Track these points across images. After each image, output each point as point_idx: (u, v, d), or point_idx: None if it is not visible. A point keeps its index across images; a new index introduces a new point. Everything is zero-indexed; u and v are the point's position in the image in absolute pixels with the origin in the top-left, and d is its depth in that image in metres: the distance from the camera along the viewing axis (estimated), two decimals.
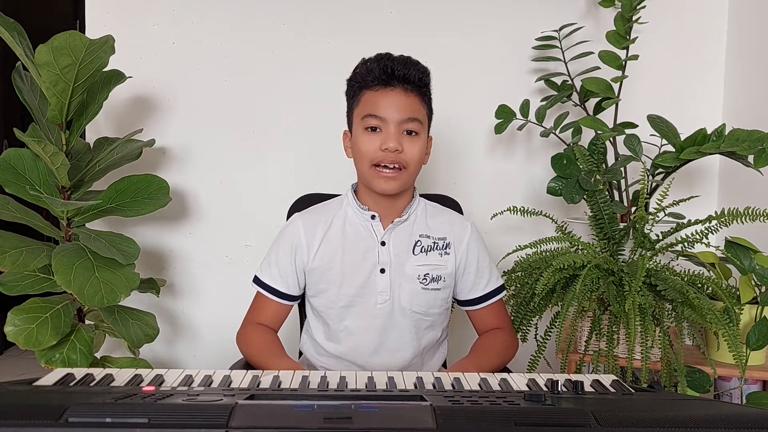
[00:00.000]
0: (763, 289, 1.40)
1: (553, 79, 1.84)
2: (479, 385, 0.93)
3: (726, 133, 1.44)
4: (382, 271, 1.27)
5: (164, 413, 0.66)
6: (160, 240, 2.07)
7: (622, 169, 1.62)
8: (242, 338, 1.33)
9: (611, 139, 1.68)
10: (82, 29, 1.98)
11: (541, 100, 1.84)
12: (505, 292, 1.39)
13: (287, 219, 1.50)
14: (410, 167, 1.24)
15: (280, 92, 2.02)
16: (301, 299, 1.40)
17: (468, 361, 1.26)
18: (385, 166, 1.22)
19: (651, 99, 1.91)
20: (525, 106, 1.79)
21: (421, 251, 1.29)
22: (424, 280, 1.28)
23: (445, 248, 1.31)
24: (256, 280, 1.35)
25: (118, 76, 1.71)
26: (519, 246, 1.51)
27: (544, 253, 1.48)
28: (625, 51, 1.68)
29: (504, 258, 1.54)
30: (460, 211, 1.49)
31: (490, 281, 1.35)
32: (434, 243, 1.31)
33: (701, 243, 1.39)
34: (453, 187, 2.02)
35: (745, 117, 1.83)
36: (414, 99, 1.23)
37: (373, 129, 1.22)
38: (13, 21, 1.60)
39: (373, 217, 1.29)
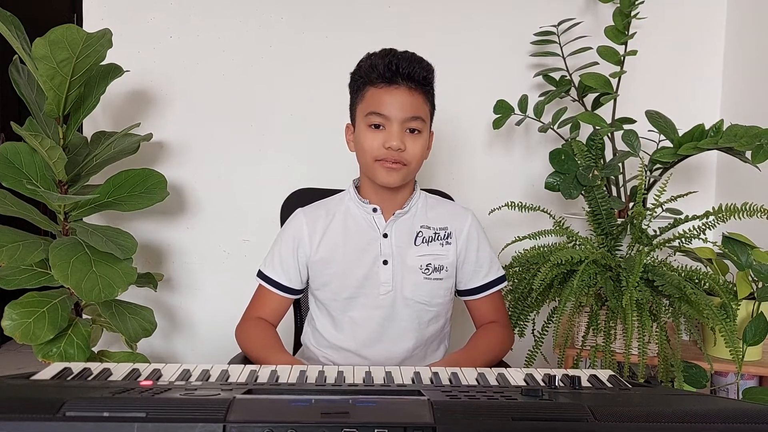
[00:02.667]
0: (760, 284, 1.40)
1: (551, 74, 1.84)
2: (476, 380, 0.93)
3: (724, 129, 1.44)
4: (385, 262, 1.29)
5: (162, 407, 0.66)
6: (158, 234, 2.07)
7: (620, 164, 1.62)
8: (241, 333, 1.34)
9: (609, 134, 1.68)
10: (80, 23, 1.97)
11: (540, 96, 1.84)
12: (505, 283, 1.39)
13: (280, 215, 1.52)
14: (412, 165, 1.26)
15: (278, 87, 2.02)
16: (303, 293, 1.41)
17: (461, 355, 1.27)
18: (386, 159, 1.23)
19: (649, 95, 1.91)
20: (523, 102, 1.79)
21: (422, 242, 1.31)
22: (426, 270, 1.29)
23: (446, 238, 1.33)
24: (260, 274, 1.37)
25: (115, 70, 1.71)
26: (517, 237, 1.52)
27: (541, 249, 1.48)
28: (623, 46, 1.68)
29: (503, 250, 1.54)
30: None
31: (490, 271, 1.36)
32: (435, 233, 1.32)
33: (699, 239, 1.39)
34: (451, 182, 2.02)
35: (743, 113, 1.83)
36: (418, 97, 1.24)
37: (377, 126, 1.23)
38: (10, 14, 1.60)
39: (374, 210, 1.31)
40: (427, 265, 1.30)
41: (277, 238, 1.38)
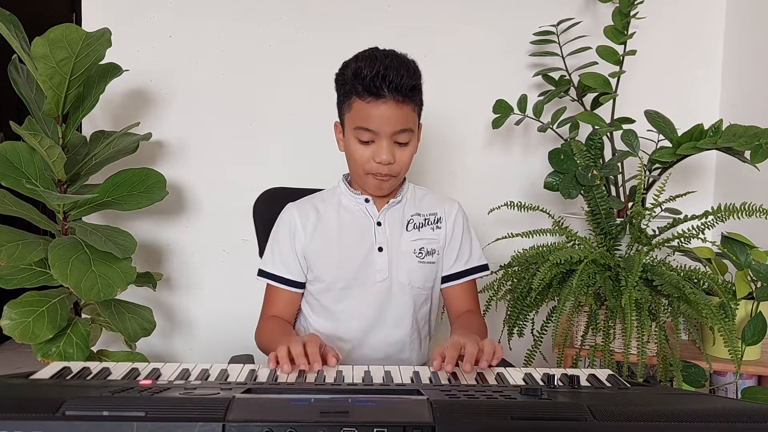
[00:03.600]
0: (759, 284, 1.41)
1: (550, 74, 1.84)
2: (476, 379, 0.93)
3: (723, 129, 1.44)
4: (380, 249, 1.30)
5: (161, 407, 0.66)
6: (157, 234, 2.07)
7: (619, 164, 1.62)
8: (256, 334, 1.34)
9: (608, 134, 1.68)
10: (79, 22, 1.97)
11: (539, 95, 1.84)
12: (487, 273, 1.41)
13: (252, 215, 1.54)
14: (401, 173, 1.28)
15: (277, 86, 2.02)
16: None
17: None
18: (378, 173, 1.24)
19: (648, 94, 1.91)
20: (522, 101, 1.79)
21: (414, 227, 1.34)
22: (420, 254, 1.32)
23: (437, 222, 1.36)
24: (262, 273, 1.36)
25: (114, 70, 1.71)
26: (509, 234, 1.52)
27: (540, 248, 1.48)
28: (622, 46, 1.68)
29: (492, 242, 1.54)
30: None
31: (472, 258, 1.38)
32: (425, 219, 1.35)
33: (698, 238, 1.39)
34: (450, 182, 2.02)
35: (742, 112, 1.83)
36: (406, 108, 1.21)
37: (365, 141, 1.23)
38: (9, 13, 1.60)
39: (367, 200, 1.33)
40: (420, 249, 1.32)
41: (272, 235, 1.38)
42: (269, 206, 1.50)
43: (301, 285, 1.36)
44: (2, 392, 0.76)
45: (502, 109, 1.79)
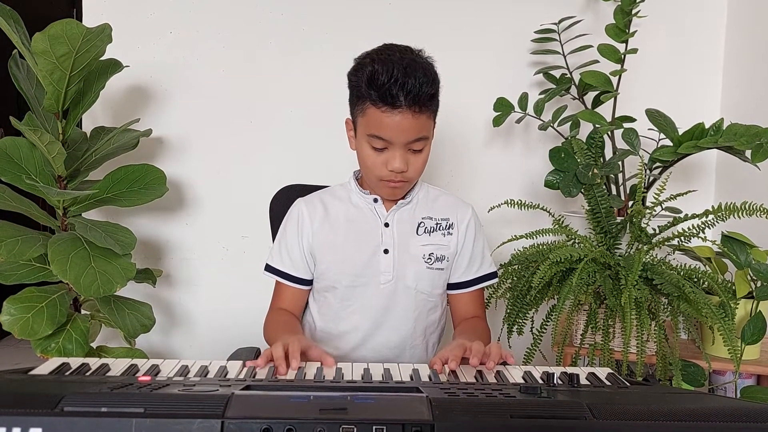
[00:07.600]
0: (759, 283, 1.41)
1: (551, 72, 1.84)
2: (475, 377, 0.93)
3: (724, 128, 1.44)
4: (386, 251, 1.29)
5: (160, 403, 0.66)
6: (157, 230, 2.07)
7: (620, 163, 1.62)
8: (264, 326, 1.34)
9: (609, 132, 1.68)
10: (79, 18, 1.96)
11: (540, 93, 1.83)
12: (495, 280, 1.39)
13: (269, 213, 1.53)
14: (415, 179, 1.27)
15: (278, 83, 2.01)
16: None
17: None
18: (390, 180, 1.23)
19: (649, 93, 1.91)
20: (523, 99, 1.79)
21: (424, 232, 1.31)
22: (429, 260, 1.29)
23: (448, 228, 1.33)
24: (268, 268, 1.36)
25: (114, 65, 1.70)
26: (515, 236, 1.52)
27: (540, 247, 1.48)
28: (624, 45, 1.68)
29: (498, 247, 1.54)
30: None
31: (482, 266, 1.36)
32: (437, 224, 1.32)
33: (698, 237, 1.39)
34: (451, 180, 2.02)
35: (743, 112, 1.83)
36: (422, 117, 1.16)
37: (379, 148, 1.20)
38: (9, 9, 1.59)
39: (375, 200, 1.31)
40: (429, 255, 1.29)
41: (280, 230, 1.37)
42: (287, 204, 1.43)
43: (308, 282, 1.36)
44: (1, 388, 0.76)
45: (502, 107, 1.79)
